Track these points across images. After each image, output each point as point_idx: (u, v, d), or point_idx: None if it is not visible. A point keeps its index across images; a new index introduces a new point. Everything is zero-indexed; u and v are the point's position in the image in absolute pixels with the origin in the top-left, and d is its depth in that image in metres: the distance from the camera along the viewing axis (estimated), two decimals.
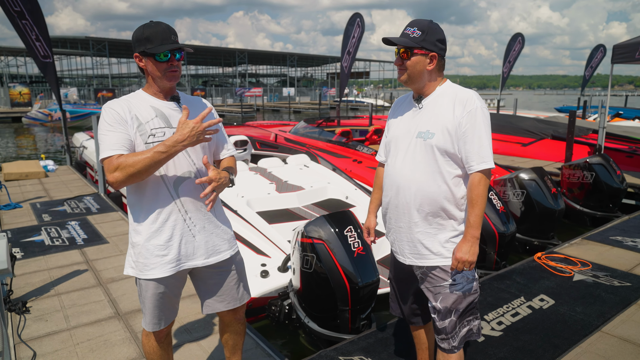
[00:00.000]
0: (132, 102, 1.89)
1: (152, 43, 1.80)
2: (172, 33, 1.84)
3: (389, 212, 2.10)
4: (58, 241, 4.87)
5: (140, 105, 1.88)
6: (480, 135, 1.86)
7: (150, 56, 1.82)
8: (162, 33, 1.81)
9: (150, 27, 1.83)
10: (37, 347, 2.90)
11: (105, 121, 1.82)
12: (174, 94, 1.96)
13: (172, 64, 1.84)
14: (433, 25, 1.93)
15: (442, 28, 1.98)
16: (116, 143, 1.77)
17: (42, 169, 8.47)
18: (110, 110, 1.83)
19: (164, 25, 1.84)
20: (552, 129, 10.14)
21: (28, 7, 8.05)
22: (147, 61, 1.85)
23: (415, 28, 1.91)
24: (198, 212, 1.96)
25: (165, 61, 1.83)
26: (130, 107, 1.86)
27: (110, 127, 1.79)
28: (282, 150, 8.52)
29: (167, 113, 1.92)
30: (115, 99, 1.89)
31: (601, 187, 6.36)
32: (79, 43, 39.63)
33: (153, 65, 1.84)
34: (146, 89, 1.94)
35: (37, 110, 26.44)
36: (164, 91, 1.92)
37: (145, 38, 1.82)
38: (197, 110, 2.01)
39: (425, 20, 1.96)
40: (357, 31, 13.54)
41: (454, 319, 2.01)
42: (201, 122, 1.78)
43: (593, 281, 3.89)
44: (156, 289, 1.94)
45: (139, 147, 1.83)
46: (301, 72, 69.85)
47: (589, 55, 20.42)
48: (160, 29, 1.82)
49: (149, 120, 1.86)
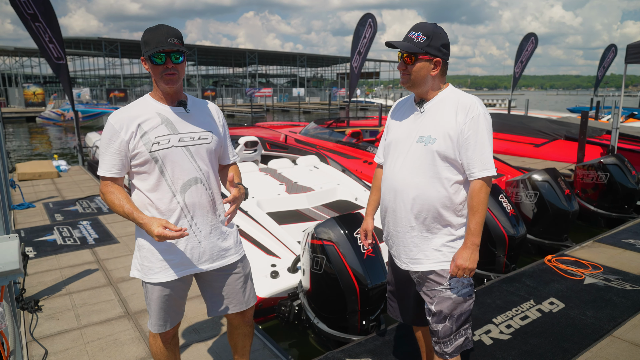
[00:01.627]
0: (137, 110, 1.90)
1: (149, 46, 1.81)
2: (171, 35, 1.82)
3: (387, 216, 2.09)
4: (70, 241, 4.94)
5: (146, 113, 1.89)
6: (482, 142, 1.85)
7: (148, 59, 1.83)
8: (159, 36, 1.80)
9: (150, 31, 1.84)
10: (49, 345, 2.94)
11: (103, 136, 1.89)
12: (181, 99, 1.96)
13: (167, 67, 1.83)
14: (438, 29, 1.91)
15: (453, 28, 1.99)
16: (108, 164, 1.87)
17: (54, 169, 8.59)
18: (109, 126, 1.88)
19: (164, 28, 1.83)
20: (565, 130, 10.02)
21: (41, 9, 8.16)
22: (148, 64, 1.86)
23: (419, 33, 1.89)
24: (204, 218, 1.97)
25: (160, 64, 1.82)
26: (134, 117, 1.87)
27: (106, 146, 1.87)
28: (292, 151, 8.54)
29: (173, 119, 1.92)
30: (122, 108, 1.92)
31: (616, 187, 6.27)
32: (92, 44, 40.09)
33: (152, 68, 1.85)
34: (152, 94, 1.96)
35: (51, 110, 26.80)
36: (167, 96, 1.93)
37: (144, 42, 1.83)
38: (204, 113, 2.02)
39: (429, 24, 1.93)
40: (369, 31, 13.48)
41: (448, 325, 2.01)
42: (164, 235, 1.73)
43: (604, 285, 3.84)
44: (162, 292, 1.96)
45: (142, 156, 1.85)
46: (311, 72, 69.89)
47: (602, 55, 20.15)
48: (158, 32, 1.82)
49: (154, 127, 1.87)
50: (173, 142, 1.89)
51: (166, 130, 1.89)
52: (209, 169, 1.99)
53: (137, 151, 1.85)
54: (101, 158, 1.88)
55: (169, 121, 1.91)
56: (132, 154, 1.86)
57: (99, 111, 22.94)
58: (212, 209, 2.00)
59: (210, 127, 2.01)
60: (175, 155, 1.89)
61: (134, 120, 1.86)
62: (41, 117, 27.64)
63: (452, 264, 1.94)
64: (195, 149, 1.94)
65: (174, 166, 1.89)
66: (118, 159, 1.86)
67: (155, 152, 1.85)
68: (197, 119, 1.98)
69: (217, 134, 2.03)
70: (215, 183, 2.04)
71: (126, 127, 1.85)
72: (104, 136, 1.88)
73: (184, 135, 1.92)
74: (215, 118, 2.07)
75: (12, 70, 42.04)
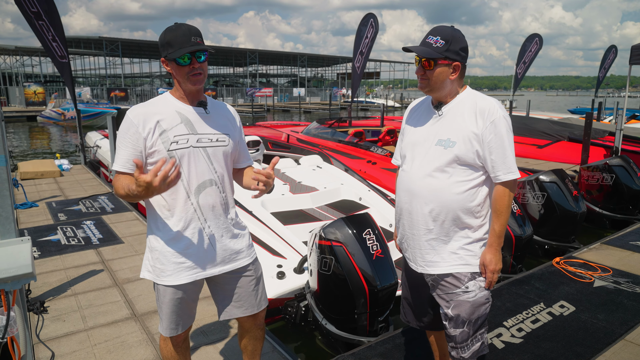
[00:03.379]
0: (157, 107, 1.87)
1: (173, 47, 1.78)
2: (194, 34, 1.80)
3: (402, 218, 2.06)
4: (74, 240, 4.90)
5: (166, 111, 1.86)
6: (504, 146, 1.84)
7: (172, 61, 1.80)
8: (182, 36, 1.78)
9: (170, 31, 1.81)
10: (55, 347, 2.91)
11: (120, 130, 1.85)
12: (201, 99, 1.93)
13: (193, 67, 1.81)
14: (456, 33, 1.88)
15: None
16: (123, 159, 1.82)
17: (57, 168, 8.55)
18: (127, 120, 1.84)
19: (185, 27, 1.80)
20: (569, 131, 10.00)
21: (45, 7, 8.12)
22: (171, 65, 1.83)
23: (438, 37, 1.86)
24: (217, 220, 1.94)
25: (186, 65, 1.80)
26: (154, 114, 1.84)
27: (122, 140, 1.83)
28: (294, 151, 8.50)
29: (193, 119, 1.89)
30: (141, 104, 1.88)
31: (621, 189, 6.25)
32: (93, 43, 40.02)
33: (176, 69, 1.82)
34: (173, 92, 1.93)
35: (51, 110, 26.76)
36: (189, 95, 1.90)
37: (166, 43, 1.80)
38: (223, 116, 1.99)
39: (447, 27, 1.90)
40: (371, 32, 13.43)
41: (466, 330, 1.98)
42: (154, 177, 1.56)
43: (614, 287, 3.81)
44: (174, 295, 1.93)
45: (160, 154, 1.82)
46: (311, 72, 69.83)
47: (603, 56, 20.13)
48: (180, 32, 1.79)
49: (174, 126, 1.84)
50: (191, 142, 1.86)
51: (185, 129, 1.86)
52: (224, 171, 1.96)
53: (155, 149, 1.81)
54: (117, 152, 1.84)
55: (188, 121, 1.88)
56: (149, 152, 1.82)
57: (99, 111, 22.87)
58: (224, 212, 1.97)
59: (228, 130, 1.98)
60: (192, 155, 1.86)
61: (153, 116, 1.83)
62: (42, 116, 27.59)
63: (483, 269, 1.94)
64: (213, 150, 1.91)
65: (191, 167, 1.86)
66: (134, 154, 1.82)
67: (173, 152, 1.82)
68: (215, 120, 1.95)
69: (234, 137, 2.01)
70: (229, 186, 2.01)
71: (144, 122, 1.81)
72: (121, 130, 1.84)
73: (202, 136, 1.89)
74: (233, 121, 2.04)
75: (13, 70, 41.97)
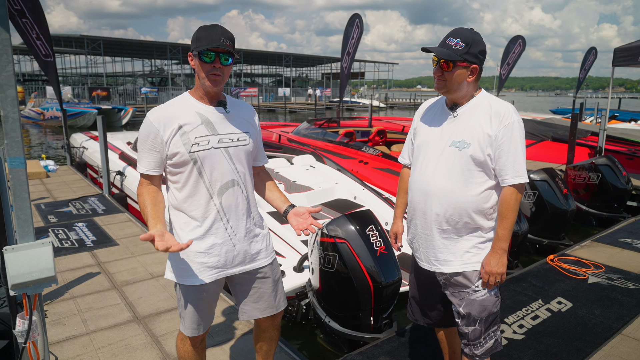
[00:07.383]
0: (177, 109, 1.86)
1: (201, 43, 1.79)
2: (225, 37, 1.80)
3: (416, 218, 2.09)
4: (67, 243, 4.82)
5: (186, 112, 1.85)
6: (516, 149, 1.87)
7: (197, 56, 1.81)
8: (213, 35, 1.78)
9: (204, 29, 1.82)
10: (58, 352, 2.86)
11: (142, 133, 1.85)
12: (221, 99, 1.93)
13: (214, 66, 1.81)
14: (476, 36, 1.90)
15: (436, 29, 1.98)
16: (145, 162, 1.85)
17: (43, 169, 8.38)
18: (147, 123, 1.83)
19: (219, 28, 1.81)
20: (552, 131, 10.20)
21: (29, 5, 7.93)
22: (195, 61, 1.83)
23: (458, 39, 1.88)
24: (239, 221, 1.94)
25: (209, 62, 1.80)
26: (174, 116, 1.83)
27: (144, 144, 1.84)
28: (286, 151, 8.49)
29: (213, 120, 1.89)
30: (161, 106, 1.88)
31: (607, 187, 6.41)
32: (74, 41, 39.21)
33: (199, 65, 1.82)
34: (193, 92, 1.92)
35: (30, 109, 26.15)
36: (208, 95, 1.89)
37: (196, 38, 1.81)
38: (242, 114, 1.99)
39: (467, 30, 1.92)
40: (357, 32, 13.48)
41: (478, 328, 2.02)
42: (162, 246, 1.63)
43: (608, 284, 3.91)
44: (197, 295, 1.92)
45: (182, 156, 1.82)
46: (296, 72, 69.74)
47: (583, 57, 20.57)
48: (212, 31, 1.79)
49: (194, 128, 1.84)
50: (212, 143, 1.85)
51: (206, 130, 1.85)
52: (245, 171, 1.96)
53: (176, 151, 1.81)
54: (139, 155, 1.86)
55: (208, 121, 1.87)
56: (171, 154, 1.82)
57: (80, 110, 22.41)
58: (247, 212, 1.97)
59: (248, 129, 1.98)
60: (214, 156, 1.85)
61: (174, 119, 1.82)
62: (21, 115, 26.92)
63: (482, 270, 1.96)
64: (234, 150, 1.90)
65: (213, 168, 1.85)
66: (157, 157, 1.83)
67: (194, 153, 1.81)
68: (236, 120, 1.94)
69: (254, 136, 2.01)
70: (251, 185, 2.01)
71: (164, 125, 1.80)
72: (141, 133, 1.84)
73: (223, 137, 1.88)
74: (252, 119, 2.04)
75: None
